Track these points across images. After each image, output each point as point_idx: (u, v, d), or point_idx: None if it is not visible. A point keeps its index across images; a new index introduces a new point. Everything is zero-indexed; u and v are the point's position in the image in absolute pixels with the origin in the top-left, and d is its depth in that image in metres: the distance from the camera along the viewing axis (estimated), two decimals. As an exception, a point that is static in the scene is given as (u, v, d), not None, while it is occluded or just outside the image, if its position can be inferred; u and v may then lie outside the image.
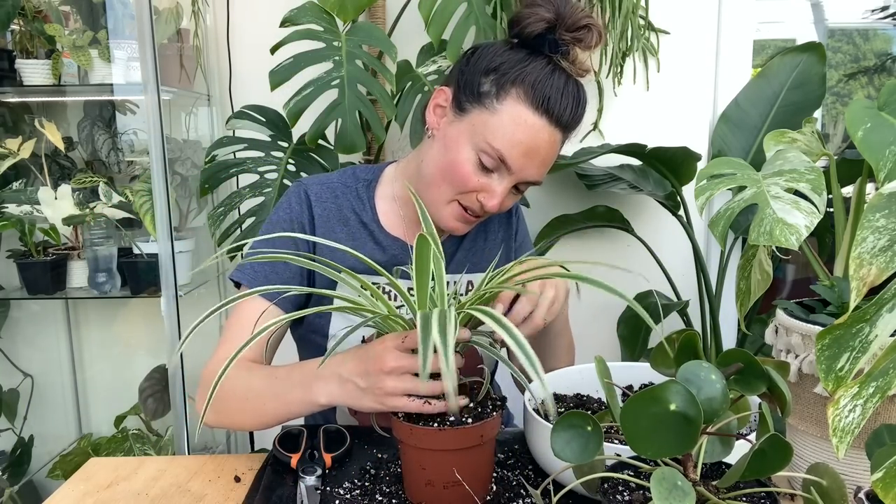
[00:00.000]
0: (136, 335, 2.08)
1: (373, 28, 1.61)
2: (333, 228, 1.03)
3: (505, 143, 0.91)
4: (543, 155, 0.93)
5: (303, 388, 0.84)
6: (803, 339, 0.75)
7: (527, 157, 0.91)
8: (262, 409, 0.89)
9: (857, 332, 0.54)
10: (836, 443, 0.52)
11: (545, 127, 0.91)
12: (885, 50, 3.07)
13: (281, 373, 0.89)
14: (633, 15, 1.68)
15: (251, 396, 0.89)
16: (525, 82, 0.90)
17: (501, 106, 0.91)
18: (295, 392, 0.85)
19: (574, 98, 0.93)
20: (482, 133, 0.92)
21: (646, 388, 0.50)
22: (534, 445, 0.79)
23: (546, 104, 0.90)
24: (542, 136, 0.91)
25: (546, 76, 0.91)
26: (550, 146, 0.93)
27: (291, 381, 0.86)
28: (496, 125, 0.91)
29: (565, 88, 0.91)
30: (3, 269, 1.93)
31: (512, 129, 0.90)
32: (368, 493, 0.78)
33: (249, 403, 0.90)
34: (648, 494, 0.48)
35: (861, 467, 0.71)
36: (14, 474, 1.99)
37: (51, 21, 1.79)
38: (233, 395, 0.90)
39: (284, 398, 0.86)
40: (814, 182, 0.79)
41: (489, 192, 0.94)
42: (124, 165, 1.96)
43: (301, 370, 0.87)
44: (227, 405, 0.91)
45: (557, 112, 0.91)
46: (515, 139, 0.90)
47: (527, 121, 0.90)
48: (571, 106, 0.92)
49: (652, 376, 0.92)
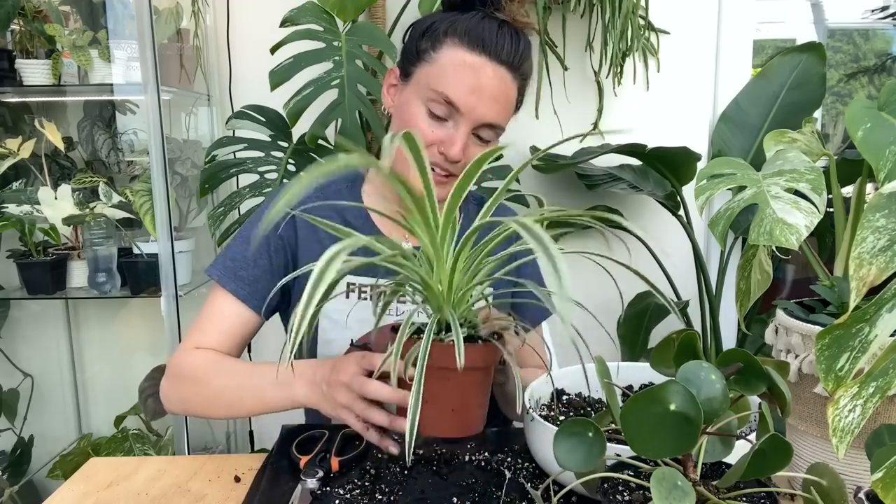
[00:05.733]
0: (136, 335, 2.08)
1: (373, 28, 1.61)
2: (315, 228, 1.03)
3: (447, 84, 0.91)
4: (491, 91, 0.92)
5: (284, 386, 0.88)
6: (803, 339, 0.75)
7: (473, 94, 0.91)
8: (238, 402, 0.93)
9: (857, 332, 0.54)
10: (836, 443, 0.52)
11: (486, 63, 0.92)
12: (885, 50, 3.07)
13: (263, 370, 0.92)
14: (633, 15, 1.68)
15: (229, 389, 0.93)
16: (458, 29, 0.92)
17: (439, 54, 0.93)
18: (275, 390, 0.89)
19: (511, 35, 0.93)
20: (426, 84, 0.93)
21: (646, 388, 0.50)
22: (534, 445, 0.79)
23: (481, 43, 0.91)
24: (485, 73, 0.92)
25: (478, 21, 0.93)
26: (498, 83, 0.93)
27: (272, 379, 0.90)
28: (437, 72, 0.93)
29: (500, 29, 0.93)
30: (3, 269, 1.93)
31: (452, 70, 0.92)
32: (368, 493, 0.78)
33: (225, 395, 0.93)
34: (648, 494, 0.48)
35: (861, 467, 0.71)
36: (14, 474, 1.99)
37: (51, 21, 1.79)
38: (207, 385, 0.94)
39: (263, 394, 0.91)
40: (814, 182, 0.79)
41: (448, 140, 0.94)
42: (124, 165, 1.96)
43: (283, 370, 0.89)
44: (197, 393, 0.95)
45: (495, 49, 0.92)
46: (457, 78, 0.91)
47: (465, 60, 0.91)
48: (509, 42, 0.93)
49: (652, 376, 0.92)
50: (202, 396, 0.96)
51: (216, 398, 0.95)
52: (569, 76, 1.83)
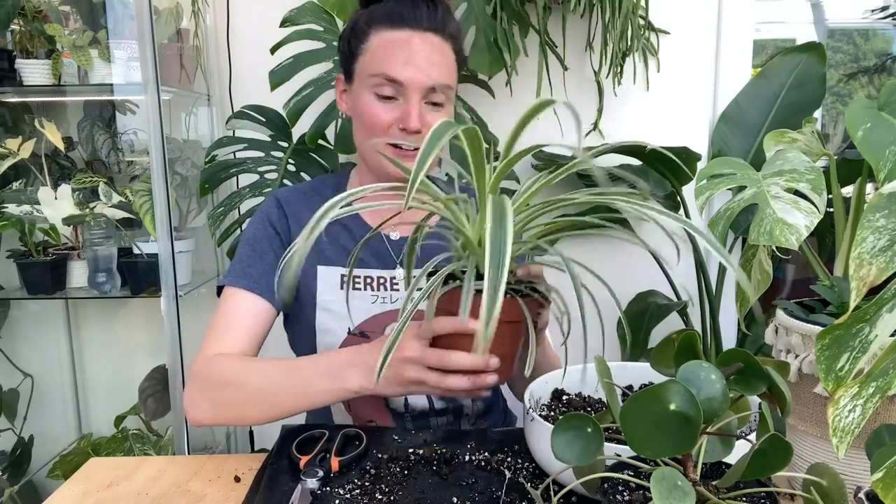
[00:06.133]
0: (136, 335, 2.08)
1: (373, 28, 1.60)
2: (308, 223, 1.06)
3: (383, 63, 0.96)
4: (426, 57, 0.96)
5: (331, 377, 0.87)
6: (803, 339, 0.75)
7: (409, 65, 0.95)
8: (279, 401, 0.90)
9: (857, 332, 0.54)
10: (836, 443, 0.52)
11: (411, 34, 0.96)
12: (885, 50, 3.07)
13: (303, 364, 0.91)
14: (633, 15, 1.68)
15: (267, 389, 0.91)
16: (377, 16, 0.98)
17: (368, 44, 0.98)
18: (321, 382, 0.88)
19: (426, 5, 0.98)
20: (366, 73, 0.98)
21: (646, 388, 0.50)
22: (534, 445, 0.79)
23: (401, 19, 0.96)
24: (413, 43, 0.96)
25: (393, 3, 0.98)
26: (429, 47, 0.97)
27: (317, 371, 0.89)
28: (371, 58, 0.97)
29: (413, 3, 0.97)
30: (3, 269, 1.93)
31: (384, 50, 0.96)
32: (368, 493, 0.78)
33: (265, 395, 0.91)
34: (648, 494, 0.48)
35: (861, 467, 0.71)
36: (14, 474, 1.99)
37: (51, 21, 1.79)
38: (243, 388, 0.92)
39: (308, 389, 0.89)
40: (814, 182, 0.79)
41: (403, 114, 0.97)
42: (124, 165, 1.96)
43: (328, 360, 0.89)
44: (233, 398, 0.93)
45: (415, 19, 0.96)
46: (391, 55, 0.96)
47: (392, 38, 0.96)
48: (426, 11, 0.97)
49: (652, 376, 0.92)
50: (239, 400, 0.93)
51: (255, 400, 0.92)
52: (569, 76, 1.83)
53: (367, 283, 1.04)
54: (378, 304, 1.04)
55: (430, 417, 1.09)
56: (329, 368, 0.88)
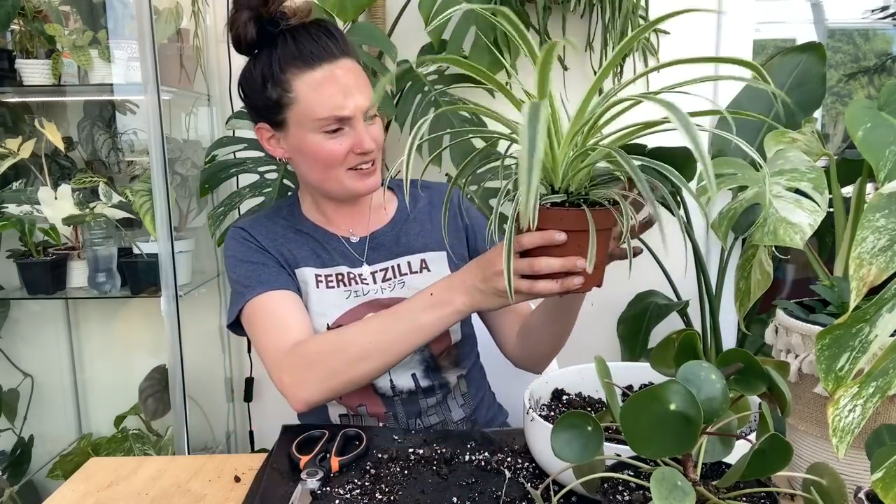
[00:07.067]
0: (136, 335, 2.08)
1: (373, 28, 1.61)
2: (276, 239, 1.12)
3: (325, 105, 1.00)
4: (354, 83, 1.01)
5: (437, 307, 0.92)
6: (803, 339, 0.75)
7: (346, 97, 1.00)
8: (391, 347, 0.94)
9: (857, 332, 0.54)
10: (836, 443, 0.52)
11: (331, 67, 1.00)
12: (885, 50, 3.06)
13: (401, 309, 0.95)
14: (633, 15, 1.68)
15: (374, 342, 0.94)
16: (288, 63, 1.00)
17: (294, 92, 1.00)
18: (428, 315, 0.92)
19: (323, 32, 1.01)
20: (307, 119, 1.01)
21: (646, 388, 0.50)
22: (534, 445, 0.79)
23: (313, 57, 1.00)
24: (337, 75, 1.00)
25: (292, 44, 1.00)
26: (350, 72, 1.02)
27: (420, 307, 0.93)
28: (306, 105, 1.00)
29: (309, 35, 1.01)
30: (3, 269, 1.93)
31: (315, 94, 1.00)
32: (368, 493, 0.78)
33: (373, 347, 0.94)
34: (648, 494, 0.48)
35: (861, 467, 0.71)
36: (14, 474, 1.99)
37: (51, 21, 1.79)
38: (345, 351, 0.95)
39: (416, 324, 0.93)
40: (815, 181, 0.79)
41: (356, 141, 1.02)
42: (124, 165, 1.96)
43: (426, 296, 0.93)
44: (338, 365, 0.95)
45: (325, 52, 1.00)
46: (327, 96, 1.00)
47: (316, 78, 1.00)
48: (326, 39, 1.01)
49: (652, 376, 0.92)
50: (347, 363, 0.95)
51: (364, 355, 0.95)
52: (569, 76, 1.83)
53: (339, 279, 1.11)
54: (352, 298, 1.10)
55: (419, 398, 1.11)
56: (430, 301, 0.92)
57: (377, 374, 0.96)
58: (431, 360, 1.12)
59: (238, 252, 1.10)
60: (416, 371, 1.11)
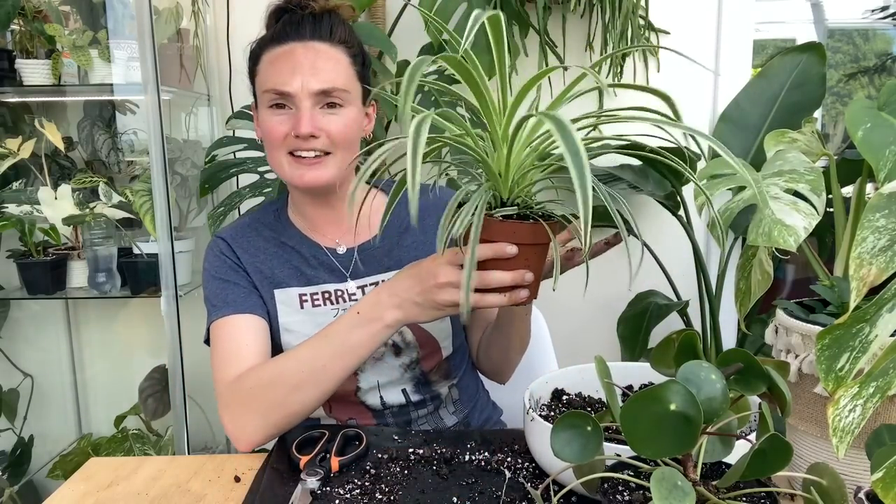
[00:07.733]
0: (136, 335, 2.08)
1: (373, 28, 1.61)
2: (258, 256, 1.08)
3: (270, 78, 0.99)
4: (310, 64, 0.98)
5: (366, 324, 0.89)
6: (803, 339, 0.75)
7: (293, 74, 0.97)
8: (326, 372, 0.91)
9: (857, 332, 0.54)
10: (836, 443, 0.52)
11: (294, 46, 0.99)
12: (885, 50, 3.07)
13: (332, 327, 0.92)
14: (633, 15, 1.68)
15: (308, 368, 0.91)
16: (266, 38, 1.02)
17: (259, 66, 1.02)
18: (359, 333, 0.89)
19: (312, 17, 1.00)
20: (260, 92, 1.02)
21: (646, 388, 0.50)
22: (534, 445, 0.79)
23: (285, 34, 1.00)
24: (295, 53, 0.99)
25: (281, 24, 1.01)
26: (314, 55, 0.99)
27: (349, 325, 0.90)
28: (262, 78, 1.01)
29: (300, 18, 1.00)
30: (3, 269, 1.93)
31: (270, 66, 1.00)
32: (368, 493, 0.78)
33: (309, 375, 0.91)
34: (648, 494, 0.48)
35: (861, 467, 0.71)
36: (14, 474, 1.99)
37: (51, 21, 1.79)
38: (283, 382, 0.92)
39: (347, 345, 0.90)
40: (813, 183, 0.79)
41: (294, 121, 0.99)
42: (124, 165, 1.96)
43: (353, 313, 0.90)
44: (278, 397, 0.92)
45: (297, 33, 1.00)
46: (276, 70, 0.99)
47: (276, 53, 1.00)
48: (311, 23, 1.00)
49: (652, 376, 0.92)
50: (286, 394, 0.91)
51: (302, 384, 0.91)
52: (569, 76, 1.83)
53: (325, 297, 1.07)
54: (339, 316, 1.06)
55: (410, 411, 1.09)
56: (357, 320, 0.89)
57: (316, 403, 0.93)
58: (422, 376, 1.09)
59: (212, 267, 1.07)
60: (406, 387, 1.08)
